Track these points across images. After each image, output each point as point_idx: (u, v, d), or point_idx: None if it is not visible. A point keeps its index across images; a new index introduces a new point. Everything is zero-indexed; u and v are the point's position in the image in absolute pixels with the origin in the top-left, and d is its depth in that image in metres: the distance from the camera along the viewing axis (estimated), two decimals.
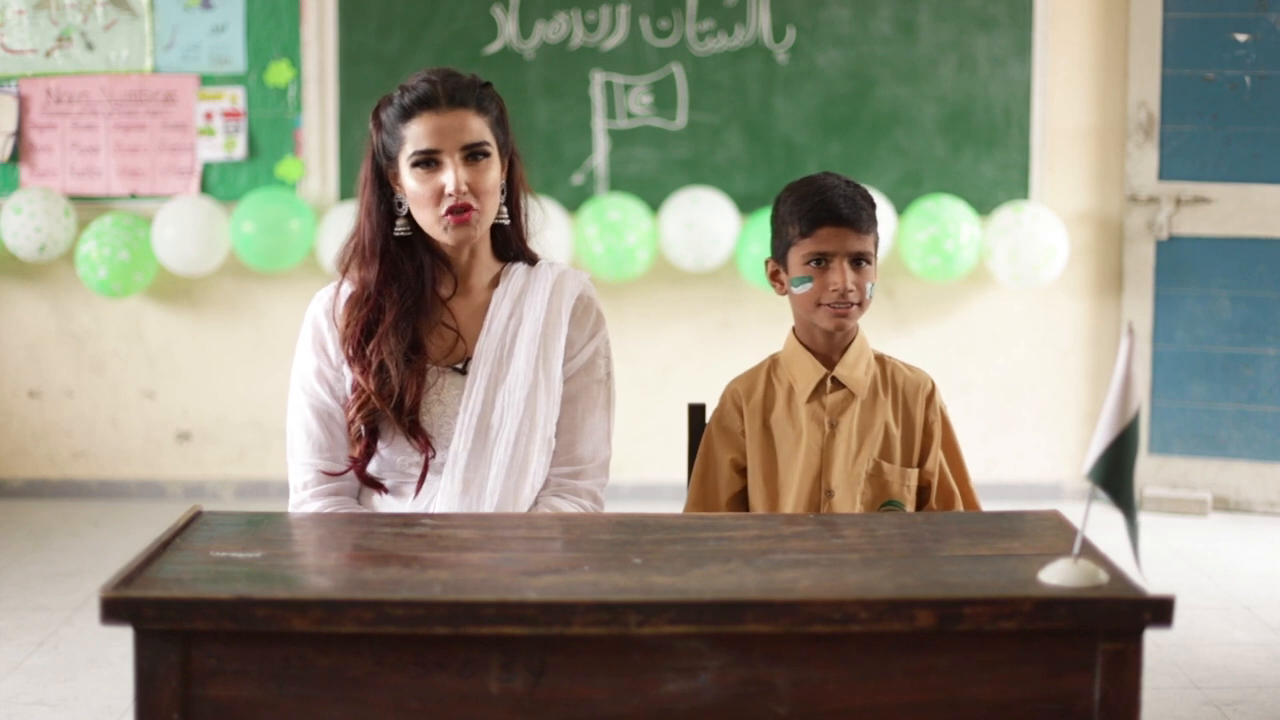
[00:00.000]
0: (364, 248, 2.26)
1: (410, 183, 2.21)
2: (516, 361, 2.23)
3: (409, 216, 2.25)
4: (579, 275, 2.34)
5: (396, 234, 2.25)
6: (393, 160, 2.23)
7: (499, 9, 4.79)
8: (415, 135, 2.19)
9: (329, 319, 2.26)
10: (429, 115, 2.19)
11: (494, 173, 2.23)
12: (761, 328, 4.79)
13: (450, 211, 2.18)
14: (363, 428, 2.21)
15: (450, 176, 2.17)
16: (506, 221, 2.30)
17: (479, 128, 2.21)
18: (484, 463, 2.20)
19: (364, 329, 2.22)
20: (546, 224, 2.41)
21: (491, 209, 2.23)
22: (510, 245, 2.34)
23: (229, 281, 4.90)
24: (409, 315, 2.23)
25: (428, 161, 2.19)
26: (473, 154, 2.20)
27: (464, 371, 2.24)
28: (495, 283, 2.30)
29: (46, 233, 4.65)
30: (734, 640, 1.57)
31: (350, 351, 2.22)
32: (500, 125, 2.26)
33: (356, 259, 2.27)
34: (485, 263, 2.31)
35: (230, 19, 4.79)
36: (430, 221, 2.21)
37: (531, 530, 1.89)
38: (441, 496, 2.19)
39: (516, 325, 2.26)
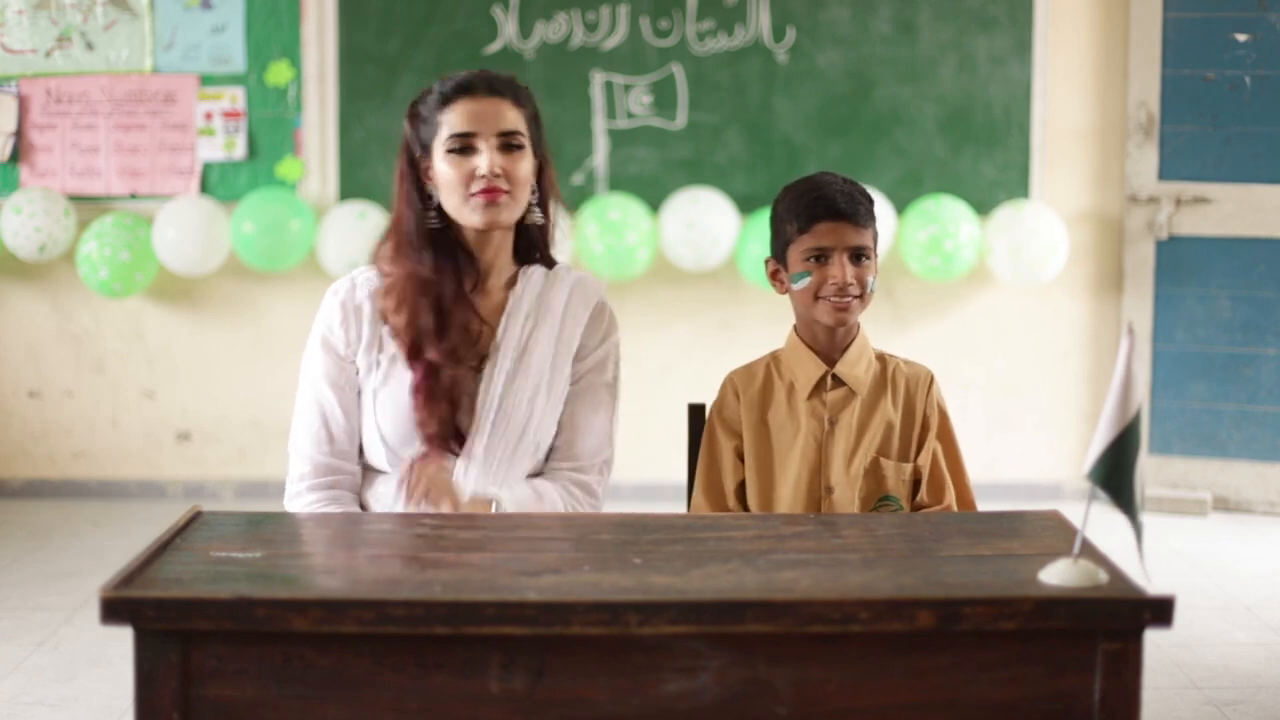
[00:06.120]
0: (410, 237, 2.24)
1: (443, 167, 2.21)
2: (531, 361, 2.24)
3: (438, 209, 2.24)
4: (597, 283, 2.36)
5: (428, 226, 2.24)
6: (427, 150, 2.23)
7: (499, 9, 4.79)
8: (452, 120, 2.20)
9: (345, 311, 2.24)
10: (468, 101, 2.21)
11: (526, 164, 2.23)
12: (761, 328, 4.78)
13: (481, 192, 2.18)
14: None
15: (484, 160, 2.18)
16: (541, 221, 2.30)
17: (515, 118, 2.23)
18: (497, 459, 2.20)
19: (434, 321, 2.19)
20: (567, 237, 2.42)
21: (522, 199, 2.23)
22: (534, 248, 2.33)
23: (229, 282, 4.90)
24: (452, 310, 2.22)
25: (463, 147, 2.19)
26: (507, 143, 2.21)
27: (478, 369, 2.24)
28: (512, 283, 2.31)
29: (46, 233, 4.65)
30: (734, 640, 1.57)
31: (413, 344, 2.20)
32: (535, 124, 2.28)
33: (403, 251, 2.24)
34: (506, 262, 2.31)
35: (230, 19, 4.79)
36: (459, 204, 2.21)
37: (531, 530, 1.89)
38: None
39: (533, 326, 2.27)
